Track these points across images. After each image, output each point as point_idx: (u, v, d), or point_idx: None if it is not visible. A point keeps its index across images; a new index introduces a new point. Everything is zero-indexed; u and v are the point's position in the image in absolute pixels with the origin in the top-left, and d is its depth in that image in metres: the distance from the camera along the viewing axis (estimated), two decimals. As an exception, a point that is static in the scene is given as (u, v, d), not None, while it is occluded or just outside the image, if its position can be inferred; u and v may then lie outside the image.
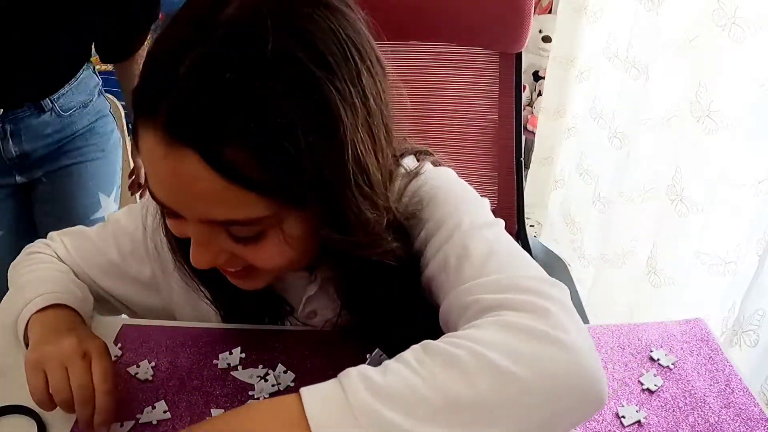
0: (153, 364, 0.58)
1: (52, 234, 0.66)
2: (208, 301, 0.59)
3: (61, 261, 0.63)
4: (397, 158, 0.54)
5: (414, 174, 0.54)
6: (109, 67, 1.96)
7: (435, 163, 0.58)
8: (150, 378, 0.56)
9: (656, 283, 1.24)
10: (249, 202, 0.41)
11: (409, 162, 0.56)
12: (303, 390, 0.38)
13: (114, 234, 0.63)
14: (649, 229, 1.29)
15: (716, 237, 1.14)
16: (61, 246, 0.64)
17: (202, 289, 0.57)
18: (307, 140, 0.40)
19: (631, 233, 1.35)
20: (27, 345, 0.54)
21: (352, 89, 0.42)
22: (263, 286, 0.52)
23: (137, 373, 0.57)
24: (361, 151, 0.43)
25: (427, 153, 0.59)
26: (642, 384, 0.56)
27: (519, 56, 0.94)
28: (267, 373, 0.56)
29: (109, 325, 0.63)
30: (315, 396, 0.37)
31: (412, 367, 0.37)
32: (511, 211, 1.01)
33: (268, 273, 0.50)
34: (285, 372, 0.57)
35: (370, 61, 0.44)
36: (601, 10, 1.43)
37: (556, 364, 0.37)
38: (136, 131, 0.42)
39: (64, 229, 0.66)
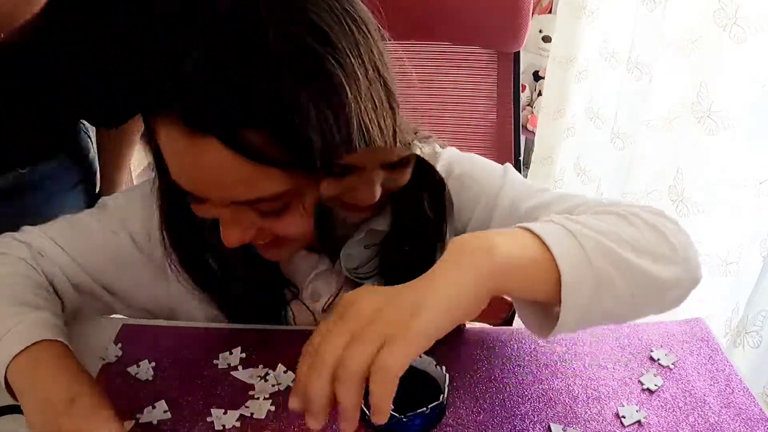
0: (153, 364, 0.58)
1: (29, 229, 0.59)
2: (206, 295, 0.59)
3: (30, 264, 0.56)
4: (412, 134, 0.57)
5: (433, 156, 0.57)
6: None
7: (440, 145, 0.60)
8: (150, 378, 0.56)
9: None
10: (272, 179, 0.43)
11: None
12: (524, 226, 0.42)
13: (119, 217, 0.59)
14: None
15: (717, 238, 1.14)
16: (45, 242, 0.58)
17: (198, 283, 0.57)
18: (318, 115, 0.42)
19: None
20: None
21: (352, 60, 0.43)
22: (289, 255, 0.55)
23: (137, 373, 0.57)
24: (364, 121, 0.45)
25: (427, 137, 0.60)
26: (642, 384, 0.56)
27: (517, 55, 0.94)
28: (267, 373, 0.56)
29: (109, 325, 0.63)
30: (540, 228, 0.41)
31: (590, 218, 0.44)
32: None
33: (294, 241, 0.52)
34: (285, 372, 0.57)
35: (366, 28, 0.46)
36: (601, 10, 1.43)
37: (687, 243, 0.46)
38: (150, 127, 0.44)
39: (48, 223, 0.59)
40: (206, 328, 0.63)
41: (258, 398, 0.54)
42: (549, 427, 0.52)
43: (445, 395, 0.49)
